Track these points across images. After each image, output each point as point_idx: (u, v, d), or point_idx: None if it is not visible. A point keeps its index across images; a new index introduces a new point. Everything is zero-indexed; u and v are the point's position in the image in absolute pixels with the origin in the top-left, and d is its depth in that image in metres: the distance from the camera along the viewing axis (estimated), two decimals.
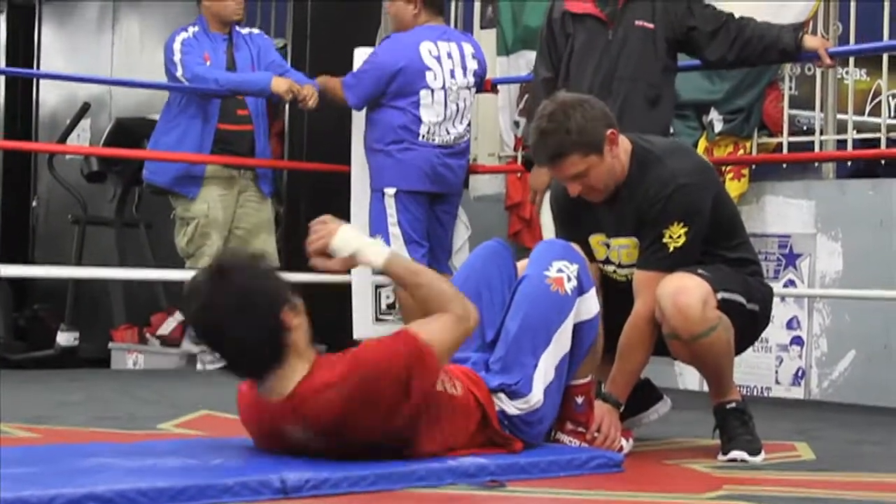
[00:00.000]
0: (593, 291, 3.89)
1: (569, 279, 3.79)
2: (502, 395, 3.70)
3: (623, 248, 4.14)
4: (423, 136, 6.28)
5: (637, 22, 5.25)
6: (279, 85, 6.60)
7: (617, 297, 4.12)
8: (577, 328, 3.83)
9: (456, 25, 8.31)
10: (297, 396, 3.34)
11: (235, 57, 6.85)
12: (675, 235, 4.00)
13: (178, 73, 6.69)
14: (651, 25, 5.24)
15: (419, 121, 6.28)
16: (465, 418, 3.58)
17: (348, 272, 6.78)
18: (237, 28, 6.93)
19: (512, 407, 3.69)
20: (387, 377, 3.32)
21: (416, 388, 3.36)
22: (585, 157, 3.95)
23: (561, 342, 3.78)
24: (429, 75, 6.30)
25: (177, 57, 6.71)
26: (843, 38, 6.63)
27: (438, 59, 6.33)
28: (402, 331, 3.48)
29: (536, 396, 3.71)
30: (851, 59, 6.72)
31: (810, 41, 5.27)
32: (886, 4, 6.36)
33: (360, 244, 3.56)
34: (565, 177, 4.00)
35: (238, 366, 3.43)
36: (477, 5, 8.28)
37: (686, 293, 3.93)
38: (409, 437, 3.42)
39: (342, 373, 3.33)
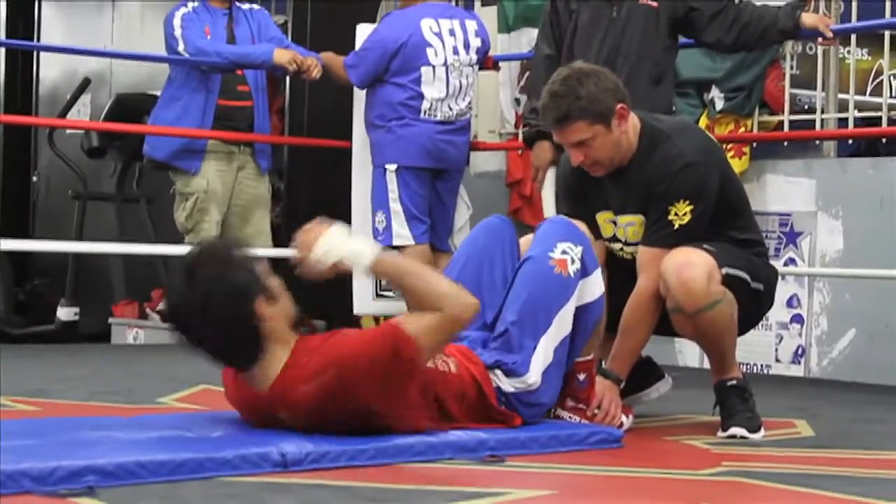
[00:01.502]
0: (597, 273, 3.89)
1: (573, 261, 3.79)
2: (498, 372, 3.70)
3: (630, 226, 4.14)
4: (425, 112, 6.27)
5: (641, 0, 5.24)
6: (282, 56, 6.58)
7: (622, 274, 4.12)
8: (580, 311, 3.83)
9: (458, 2, 8.30)
10: (276, 389, 3.35)
11: (235, 32, 6.83)
12: (681, 213, 4.00)
13: (180, 48, 6.67)
14: (655, 4, 5.23)
15: (421, 97, 6.27)
16: (459, 395, 3.58)
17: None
18: (237, 3, 6.91)
19: (508, 384, 3.70)
20: (362, 372, 3.29)
21: (393, 382, 3.34)
22: (592, 126, 3.95)
23: (562, 325, 3.78)
24: (430, 52, 6.28)
25: (177, 32, 6.69)
26: (845, 17, 6.61)
27: (440, 35, 6.32)
28: (388, 324, 3.45)
29: (533, 377, 3.71)
30: (853, 39, 6.71)
31: (809, 19, 5.25)
32: None
33: (346, 250, 3.46)
34: (569, 142, 4.00)
35: (218, 361, 3.45)
36: None
37: (691, 267, 3.93)
38: (397, 418, 3.41)
39: (318, 366, 3.32)
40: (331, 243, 3.45)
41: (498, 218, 4.07)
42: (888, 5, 6.32)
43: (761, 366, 6.48)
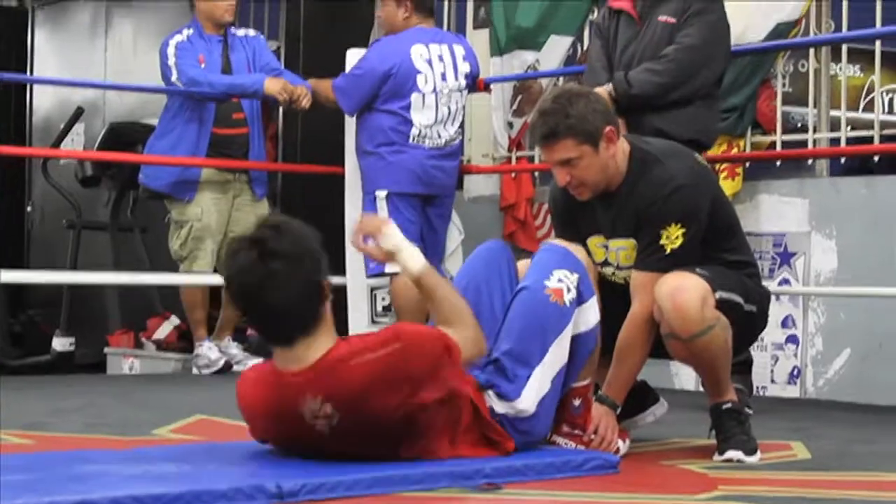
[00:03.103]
0: (593, 301, 3.88)
1: (568, 290, 3.79)
2: (491, 393, 3.70)
3: (621, 250, 4.14)
4: (414, 139, 6.28)
5: (661, 17, 5.30)
6: (273, 86, 6.61)
7: (615, 298, 4.12)
8: (576, 339, 3.82)
9: (449, 26, 8.32)
10: (324, 363, 3.38)
11: (231, 58, 6.85)
12: (673, 237, 4.00)
13: (174, 78, 6.70)
14: (673, 20, 5.28)
15: (409, 123, 6.28)
16: (457, 411, 3.58)
17: (343, 274, 6.79)
18: (232, 30, 6.93)
19: (500, 406, 3.69)
20: (420, 356, 3.38)
21: (443, 377, 3.43)
22: (579, 145, 3.96)
23: (558, 354, 3.77)
24: (419, 79, 6.29)
25: (171, 61, 6.72)
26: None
27: (429, 62, 6.33)
28: (436, 328, 3.55)
29: (524, 404, 3.70)
30: (844, 55, 6.72)
31: None
32: (879, 2, 6.36)
33: (405, 245, 3.67)
34: (555, 160, 4.00)
35: (272, 326, 3.45)
36: (470, 5, 8.29)
37: (684, 292, 3.93)
38: (419, 422, 3.43)
39: (381, 340, 3.39)
40: (395, 234, 3.67)
41: (497, 243, 4.08)
42: (878, 23, 6.34)
43: (757, 387, 6.47)
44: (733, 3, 5.58)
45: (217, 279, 6.89)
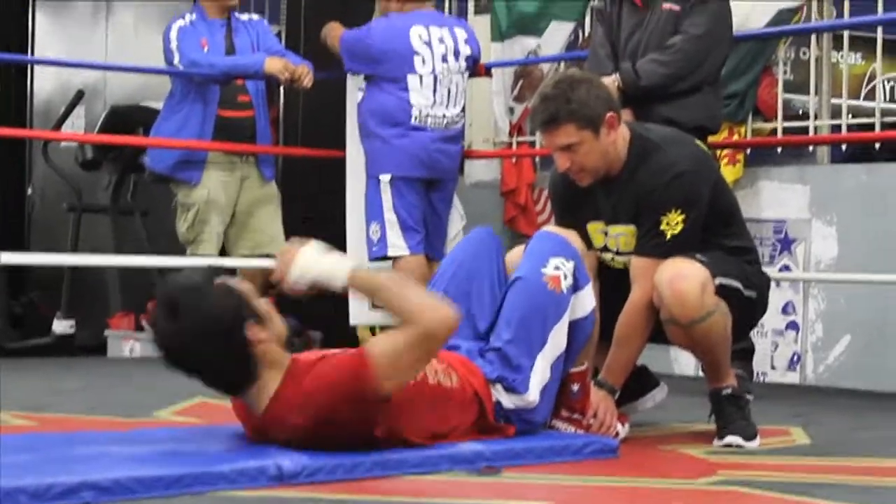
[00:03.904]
0: (588, 288, 3.89)
1: (565, 277, 3.80)
2: (500, 387, 3.70)
3: (621, 236, 4.15)
4: (416, 119, 6.27)
5: (665, 5, 5.30)
6: (273, 65, 6.60)
7: (614, 284, 4.13)
8: (573, 325, 3.84)
9: (450, 11, 8.31)
10: (270, 413, 3.35)
11: (235, 42, 6.85)
12: (673, 223, 4.01)
13: (175, 61, 6.70)
14: (678, 8, 5.28)
15: (409, 104, 6.27)
16: (461, 411, 3.58)
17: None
18: (235, 14, 6.93)
19: (508, 400, 3.70)
20: (337, 403, 3.27)
21: (368, 405, 3.31)
22: (580, 131, 3.96)
23: (557, 341, 3.79)
24: (417, 60, 6.29)
25: (173, 45, 6.71)
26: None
27: (429, 43, 6.33)
28: (357, 350, 3.40)
29: (532, 395, 3.72)
30: (846, 43, 6.72)
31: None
32: None
33: (320, 269, 3.46)
34: (556, 145, 4.01)
35: (216, 387, 3.45)
36: None
37: (684, 279, 3.94)
38: (394, 434, 3.41)
39: (304, 398, 3.30)
40: (305, 264, 3.45)
41: (484, 231, 4.07)
42: (880, 8, 6.34)
43: (757, 373, 6.48)
44: None
45: (220, 262, 6.89)
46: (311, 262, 3.46)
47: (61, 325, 8.48)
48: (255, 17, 7.14)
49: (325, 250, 3.51)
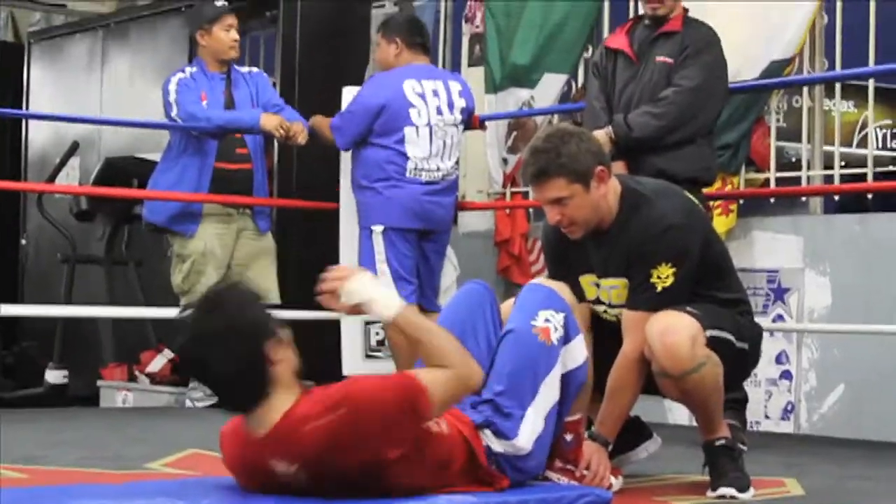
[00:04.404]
0: (580, 339, 3.89)
1: (555, 329, 3.80)
2: (488, 432, 3.70)
3: (613, 289, 4.15)
4: (411, 173, 6.29)
5: (658, 58, 5.33)
6: (269, 121, 6.64)
7: (607, 336, 4.13)
8: (565, 377, 3.83)
9: (444, 63, 8.36)
10: (281, 428, 3.34)
11: (234, 95, 6.88)
12: (664, 276, 4.01)
13: (174, 113, 6.74)
14: (671, 61, 5.32)
15: (405, 157, 6.29)
16: (450, 456, 3.57)
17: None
18: (235, 67, 6.96)
19: (498, 445, 3.69)
20: (374, 416, 3.30)
21: (403, 431, 3.35)
22: (570, 184, 3.97)
23: (548, 393, 3.78)
24: (412, 112, 6.31)
25: (172, 97, 6.75)
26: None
27: (423, 96, 6.35)
28: (404, 374, 3.50)
29: (522, 441, 3.71)
30: (838, 92, 6.75)
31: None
32: (871, 40, 6.40)
33: (373, 295, 3.55)
34: (547, 199, 4.02)
35: (223, 399, 3.46)
36: (465, 43, 8.32)
37: (674, 332, 3.94)
38: (390, 476, 3.40)
39: (329, 405, 3.32)
40: (358, 287, 3.54)
41: (479, 285, 4.06)
42: (871, 59, 6.38)
43: (751, 422, 6.47)
44: (728, 41, 5.61)
45: None
46: (364, 287, 3.55)
47: (54, 375, 8.47)
48: (255, 70, 7.18)
49: (376, 282, 3.64)
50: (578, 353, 3.88)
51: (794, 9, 6.59)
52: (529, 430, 3.73)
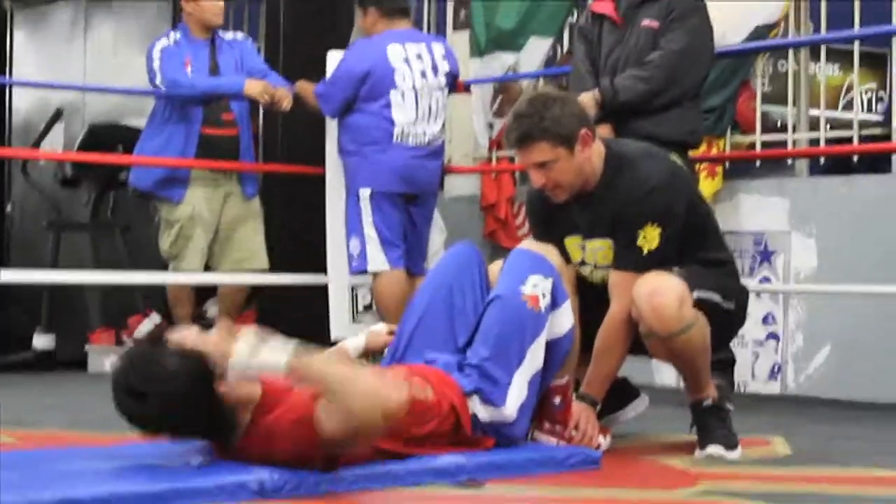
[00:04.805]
0: (566, 305, 3.90)
1: (543, 295, 3.81)
2: (476, 400, 3.71)
3: (599, 250, 4.15)
4: (398, 137, 6.28)
5: (644, 22, 5.33)
6: (253, 87, 6.62)
7: (593, 297, 4.14)
8: (551, 344, 3.85)
9: (429, 27, 8.34)
10: (244, 450, 3.31)
11: (218, 61, 6.86)
12: (650, 237, 4.02)
13: (157, 80, 6.72)
14: (656, 24, 5.32)
15: (392, 122, 6.28)
16: (437, 424, 3.58)
17: (325, 273, 6.81)
18: (220, 33, 6.94)
19: (485, 413, 3.70)
20: (303, 450, 3.21)
21: (330, 454, 3.23)
22: (554, 148, 3.98)
23: (534, 359, 3.79)
24: (397, 76, 6.30)
25: (156, 64, 6.73)
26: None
27: (407, 60, 6.34)
28: (311, 418, 3.20)
29: (509, 410, 3.72)
30: (823, 55, 6.75)
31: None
32: (857, 3, 6.40)
33: (260, 362, 3.21)
34: (531, 163, 4.02)
35: (197, 437, 3.40)
36: (450, 7, 8.31)
37: (662, 293, 3.95)
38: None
39: (270, 439, 3.25)
40: (247, 355, 3.22)
41: (466, 245, 4.09)
42: (857, 21, 6.38)
43: (738, 383, 6.49)
44: (714, 5, 5.61)
45: (199, 278, 6.89)
46: (250, 352, 3.23)
47: (42, 341, 8.46)
48: (240, 36, 7.16)
49: (262, 338, 3.27)
50: (565, 319, 3.89)
51: None
52: (516, 396, 3.74)
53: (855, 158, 6.90)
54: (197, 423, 3.29)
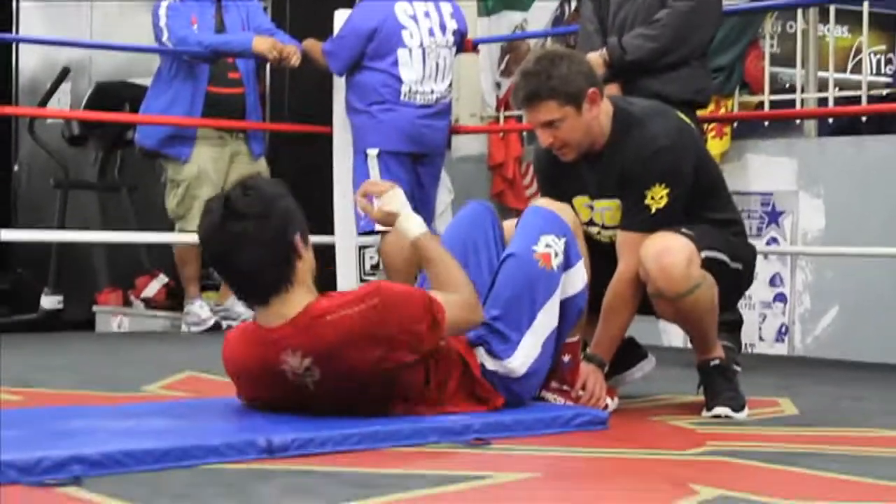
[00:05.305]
0: (580, 265, 3.89)
1: (556, 255, 3.79)
2: (482, 350, 3.71)
3: (606, 210, 4.14)
4: (405, 96, 6.27)
5: None
6: (261, 44, 6.61)
7: (601, 257, 4.12)
8: (564, 303, 3.83)
9: None
10: (302, 319, 3.36)
11: (224, 20, 6.85)
12: (657, 197, 4.01)
13: (164, 38, 6.71)
14: None
15: (399, 80, 6.27)
16: (446, 369, 3.58)
17: (332, 233, 6.80)
18: None
19: (491, 363, 3.70)
20: (398, 315, 3.35)
21: (421, 339, 3.40)
22: (562, 107, 3.96)
23: (546, 319, 3.78)
24: (405, 34, 6.28)
25: (162, 22, 6.72)
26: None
27: (415, 18, 6.32)
28: (420, 289, 3.54)
29: (515, 363, 3.71)
30: (832, 16, 6.72)
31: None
32: None
33: (407, 210, 3.70)
34: (539, 122, 4.01)
35: (244, 287, 3.46)
36: None
37: (670, 253, 3.94)
38: (401, 382, 3.44)
39: (357, 296, 3.37)
40: (395, 199, 3.70)
41: (481, 204, 4.08)
42: None
43: (746, 344, 6.50)
44: None
45: None
46: (402, 201, 3.71)
47: (49, 301, 8.49)
48: None
49: (407, 202, 3.75)
50: (578, 279, 3.88)
51: None
52: (524, 354, 3.73)
53: (863, 119, 6.88)
54: (263, 251, 3.35)
